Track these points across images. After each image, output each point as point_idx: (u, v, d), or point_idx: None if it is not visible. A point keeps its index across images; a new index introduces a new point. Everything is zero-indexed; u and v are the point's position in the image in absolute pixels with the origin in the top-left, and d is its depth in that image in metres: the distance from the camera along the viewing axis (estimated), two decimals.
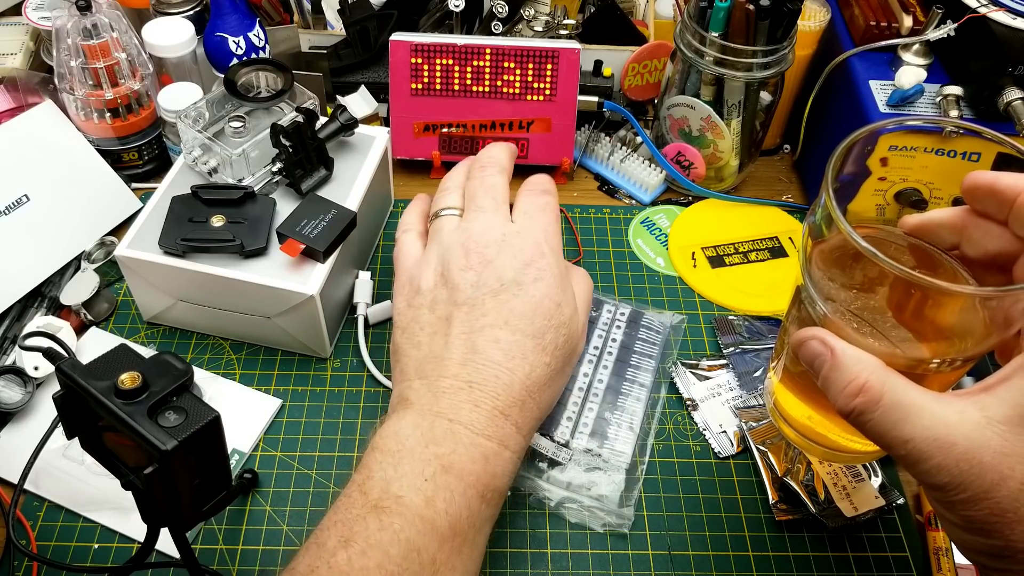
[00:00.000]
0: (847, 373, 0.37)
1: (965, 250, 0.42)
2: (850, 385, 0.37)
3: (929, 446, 0.35)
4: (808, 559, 0.56)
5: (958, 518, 0.36)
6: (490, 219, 0.55)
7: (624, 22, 0.83)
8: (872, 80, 0.69)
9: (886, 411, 0.36)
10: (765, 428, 0.60)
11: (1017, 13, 0.66)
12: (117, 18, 0.71)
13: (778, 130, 0.84)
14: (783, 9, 0.67)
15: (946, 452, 0.34)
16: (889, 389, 0.36)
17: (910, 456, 0.36)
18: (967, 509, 0.35)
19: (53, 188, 0.70)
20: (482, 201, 0.56)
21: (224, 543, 0.55)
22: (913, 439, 0.35)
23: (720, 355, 0.66)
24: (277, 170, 0.64)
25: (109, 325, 0.67)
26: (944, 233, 0.43)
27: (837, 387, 0.38)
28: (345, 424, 0.62)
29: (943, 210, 0.43)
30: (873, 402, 0.36)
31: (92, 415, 0.41)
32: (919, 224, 0.43)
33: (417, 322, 0.52)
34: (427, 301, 0.53)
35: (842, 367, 0.38)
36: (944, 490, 0.35)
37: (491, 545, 0.53)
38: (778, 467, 0.58)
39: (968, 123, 0.45)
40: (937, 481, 0.35)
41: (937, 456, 0.35)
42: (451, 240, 0.54)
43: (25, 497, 0.56)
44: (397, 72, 0.75)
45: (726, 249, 0.75)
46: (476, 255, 0.52)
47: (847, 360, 0.38)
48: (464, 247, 0.53)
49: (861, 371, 0.37)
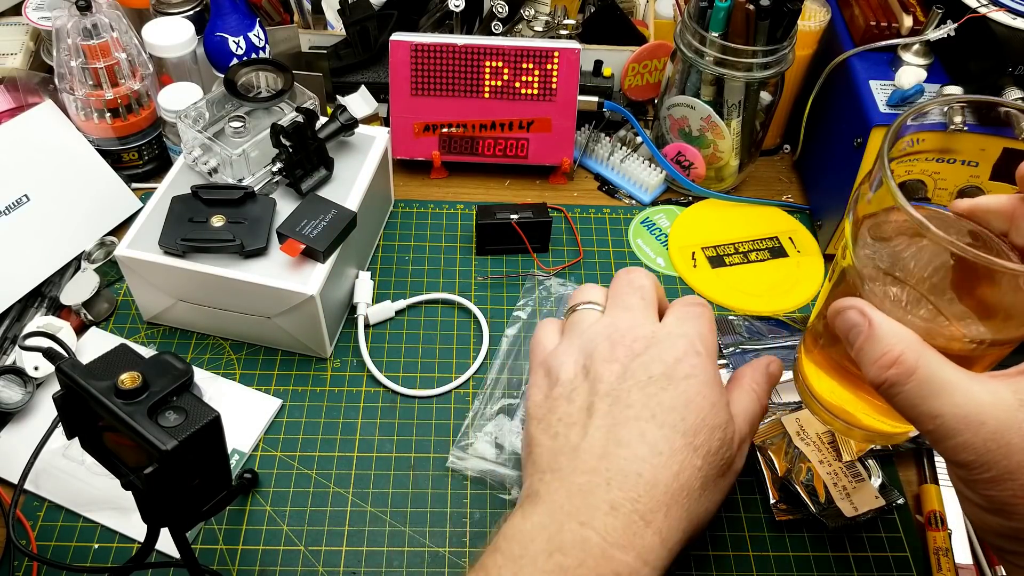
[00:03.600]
0: (883, 344, 0.37)
1: (1014, 238, 0.41)
2: (884, 356, 0.37)
3: (958, 423, 0.35)
4: (808, 559, 0.56)
5: (980, 498, 0.36)
6: (637, 316, 0.49)
7: (624, 22, 0.83)
8: (872, 80, 0.69)
9: (918, 385, 0.36)
10: (767, 428, 0.60)
11: (1017, 13, 0.65)
12: (117, 18, 0.71)
13: (778, 130, 0.84)
14: (783, 9, 0.67)
15: (975, 430, 0.34)
16: (924, 363, 0.36)
17: (938, 431, 0.36)
18: (990, 489, 0.35)
19: (53, 188, 0.70)
20: (630, 300, 0.50)
21: (224, 543, 0.55)
22: (943, 415, 0.35)
23: (720, 355, 0.66)
24: (277, 170, 0.64)
25: (109, 325, 0.67)
26: (994, 219, 0.42)
27: (871, 357, 0.37)
28: (345, 424, 0.62)
29: (994, 196, 0.42)
30: (906, 374, 0.36)
31: (92, 415, 0.41)
32: (969, 208, 0.43)
33: (554, 413, 0.46)
34: (565, 392, 0.47)
35: (878, 338, 0.37)
36: (969, 468, 0.35)
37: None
38: (779, 467, 0.58)
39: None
40: (963, 459, 0.35)
41: (965, 433, 0.35)
42: (594, 332, 0.48)
43: (25, 497, 0.56)
44: (397, 72, 0.75)
45: (726, 249, 0.75)
46: (623, 348, 0.47)
47: (884, 332, 0.37)
48: (610, 339, 0.47)
49: (897, 343, 0.37)
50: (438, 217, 0.77)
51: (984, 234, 0.43)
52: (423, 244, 0.74)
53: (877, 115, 0.67)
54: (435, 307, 0.70)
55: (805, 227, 0.77)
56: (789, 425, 0.59)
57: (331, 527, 0.56)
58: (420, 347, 0.66)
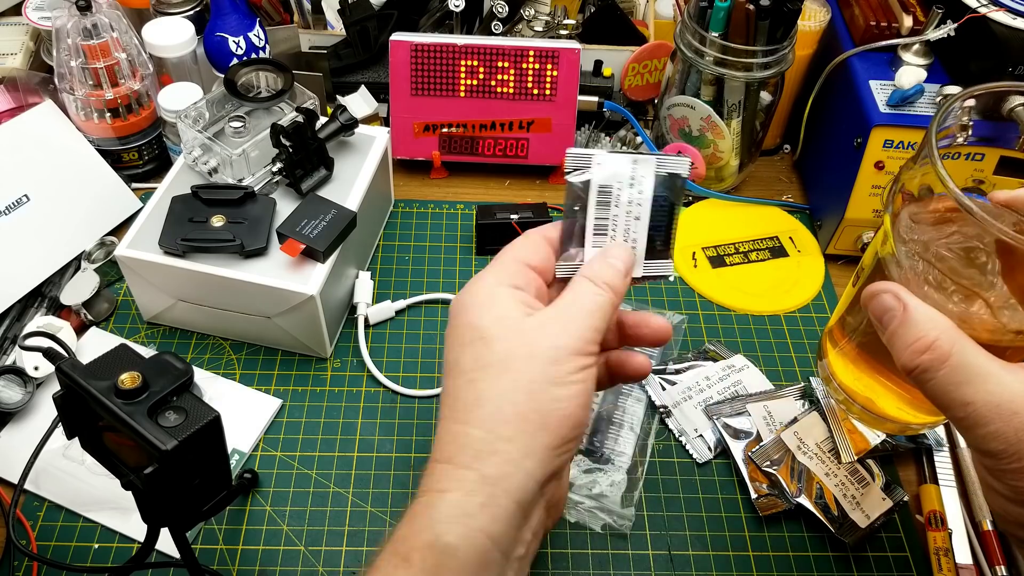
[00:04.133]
0: (917, 329, 0.37)
1: None
2: (919, 341, 0.37)
3: (990, 411, 0.35)
4: (808, 559, 0.56)
5: (1006, 488, 0.36)
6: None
7: (624, 22, 0.83)
8: (872, 80, 0.69)
9: (951, 371, 0.36)
10: (771, 448, 0.59)
11: (1017, 13, 0.65)
12: (117, 18, 0.71)
13: (778, 130, 0.84)
14: (783, 9, 0.67)
15: (1006, 420, 0.34)
16: (958, 350, 0.36)
17: (968, 419, 0.36)
18: (1018, 479, 0.35)
19: (53, 188, 0.70)
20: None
21: (224, 543, 0.55)
22: (974, 403, 0.35)
23: (686, 356, 0.65)
24: (277, 170, 0.64)
25: (109, 325, 0.67)
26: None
27: (905, 342, 0.37)
28: (345, 424, 0.62)
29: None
30: (940, 360, 0.36)
31: (92, 415, 0.41)
32: (1008, 199, 0.42)
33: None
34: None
35: (913, 323, 0.37)
36: (997, 457, 0.35)
37: None
38: (789, 488, 0.57)
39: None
40: (992, 448, 0.35)
41: (996, 422, 0.35)
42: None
43: (25, 497, 0.56)
44: (397, 72, 0.75)
45: (726, 249, 0.75)
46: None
47: (919, 317, 0.37)
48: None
49: (931, 329, 0.37)
50: (438, 217, 0.77)
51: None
52: (423, 244, 0.74)
53: (877, 115, 0.67)
54: (435, 307, 0.70)
55: (805, 227, 0.77)
56: (789, 440, 0.59)
57: (331, 527, 0.56)
58: (420, 347, 0.66)
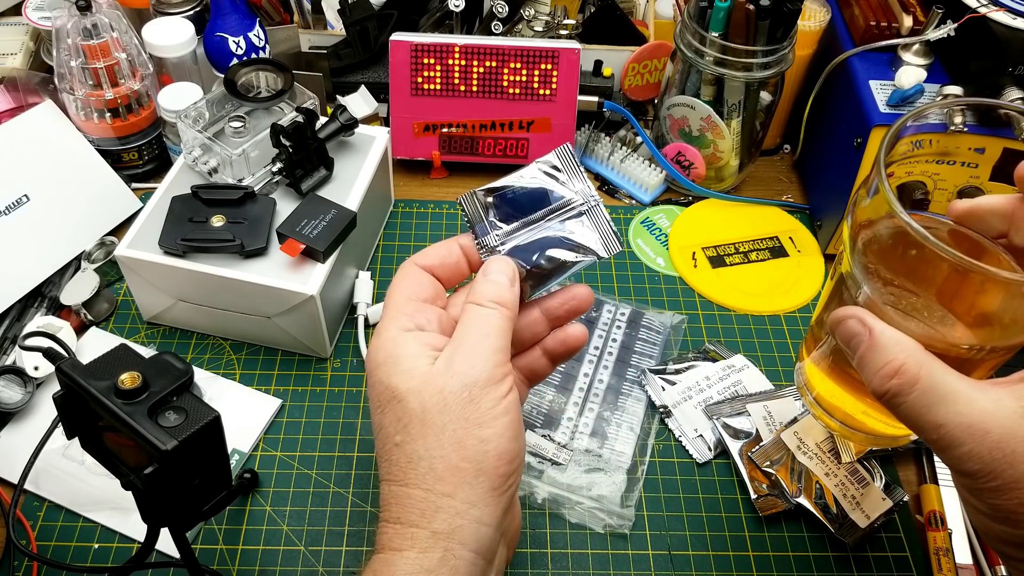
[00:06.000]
0: (885, 354, 0.37)
1: (1013, 239, 0.41)
2: (887, 366, 0.37)
3: (962, 432, 0.35)
4: (808, 559, 0.56)
5: (986, 506, 0.36)
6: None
7: (624, 22, 0.83)
8: (872, 80, 0.69)
9: (921, 394, 0.36)
10: (771, 449, 0.59)
11: (1017, 13, 0.65)
12: (117, 18, 0.71)
13: (778, 130, 0.84)
14: (783, 9, 0.67)
15: (979, 440, 0.34)
16: (926, 373, 0.36)
17: (942, 441, 0.35)
18: (996, 498, 0.35)
19: (53, 188, 0.70)
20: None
21: (224, 543, 0.55)
22: (946, 424, 0.35)
23: (686, 356, 0.66)
24: (277, 170, 0.64)
25: (109, 325, 0.67)
26: (994, 220, 0.42)
27: (873, 367, 0.37)
28: (345, 424, 0.61)
29: (993, 196, 0.42)
30: (909, 384, 0.36)
31: (92, 415, 0.41)
32: (968, 210, 0.43)
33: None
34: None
35: (880, 348, 0.37)
36: (974, 477, 0.35)
37: None
38: (789, 488, 0.57)
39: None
40: (967, 468, 0.35)
41: (969, 443, 0.34)
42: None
43: (25, 497, 0.56)
44: (397, 72, 0.75)
45: (726, 249, 0.75)
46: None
47: (885, 341, 0.37)
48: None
49: (899, 353, 0.37)
50: (438, 217, 0.77)
51: (983, 241, 0.43)
52: (423, 244, 0.74)
53: (877, 115, 0.67)
54: None
55: (805, 227, 0.77)
56: (789, 441, 0.59)
57: (331, 527, 0.56)
58: None
